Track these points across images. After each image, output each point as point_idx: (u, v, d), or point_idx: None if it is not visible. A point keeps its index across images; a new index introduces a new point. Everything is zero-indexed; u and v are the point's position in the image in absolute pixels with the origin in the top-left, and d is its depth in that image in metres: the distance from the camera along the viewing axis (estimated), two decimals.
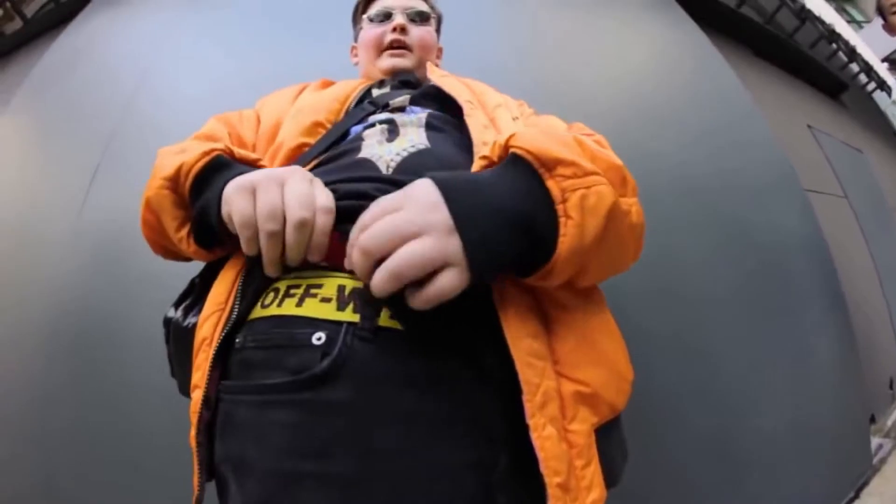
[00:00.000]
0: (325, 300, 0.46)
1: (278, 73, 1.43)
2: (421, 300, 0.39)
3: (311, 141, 0.65)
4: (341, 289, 0.46)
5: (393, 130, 0.62)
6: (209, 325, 0.49)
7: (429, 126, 0.63)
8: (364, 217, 0.42)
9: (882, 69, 4.97)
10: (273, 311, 0.47)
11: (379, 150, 0.58)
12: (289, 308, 0.46)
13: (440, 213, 0.40)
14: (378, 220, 0.40)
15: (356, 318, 0.45)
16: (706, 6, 2.58)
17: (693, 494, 1.23)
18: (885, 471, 1.80)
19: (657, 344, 1.25)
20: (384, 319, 0.44)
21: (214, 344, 0.48)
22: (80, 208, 1.31)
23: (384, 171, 0.55)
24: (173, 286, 1.10)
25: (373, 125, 0.64)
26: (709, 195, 1.46)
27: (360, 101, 0.74)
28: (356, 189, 0.52)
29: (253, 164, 0.56)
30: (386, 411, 0.42)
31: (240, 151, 0.56)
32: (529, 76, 1.48)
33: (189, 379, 0.49)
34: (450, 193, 0.41)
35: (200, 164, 0.52)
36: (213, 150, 0.53)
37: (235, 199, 0.46)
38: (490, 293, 0.45)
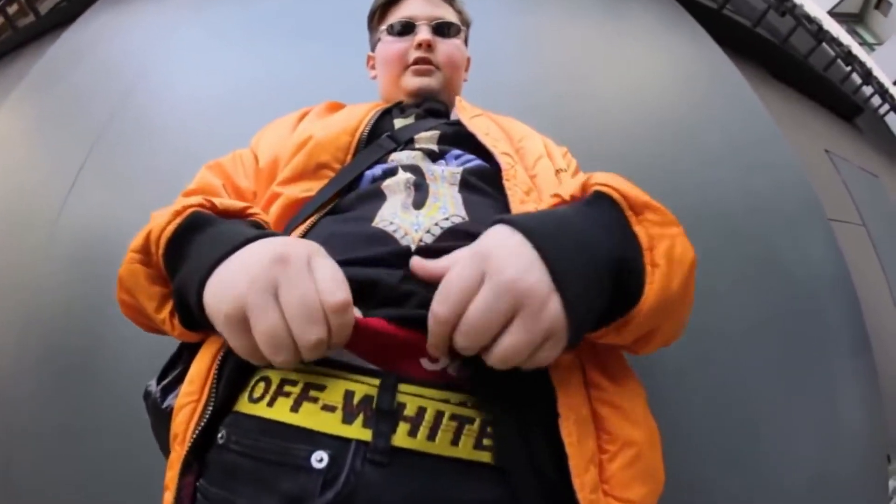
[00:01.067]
0: (329, 408, 0.36)
1: (279, 78, 1.41)
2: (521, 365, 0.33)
3: (315, 188, 0.56)
4: (349, 395, 0.36)
5: (420, 188, 0.51)
6: (182, 417, 0.41)
7: (464, 185, 0.53)
8: (443, 306, 0.33)
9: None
10: (262, 410, 0.38)
11: (403, 218, 0.47)
12: (282, 412, 0.37)
13: (535, 275, 0.32)
14: (463, 309, 0.32)
15: (367, 434, 0.36)
16: (723, 26, 2.54)
17: None
18: None
19: (678, 380, 1.19)
20: (401, 437, 0.36)
21: (186, 444, 0.39)
22: (60, 210, 1.27)
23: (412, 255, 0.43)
24: None
25: (394, 171, 0.54)
26: (733, 218, 1.40)
27: (375, 129, 0.63)
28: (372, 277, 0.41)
29: (239, 215, 0.48)
30: None
31: (222, 202, 0.48)
32: (548, 92, 1.45)
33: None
34: (541, 243, 0.33)
35: (171, 227, 0.43)
36: (186, 208, 0.44)
37: (225, 329, 0.35)
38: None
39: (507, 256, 0.33)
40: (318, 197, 0.54)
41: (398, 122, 0.65)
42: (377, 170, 0.57)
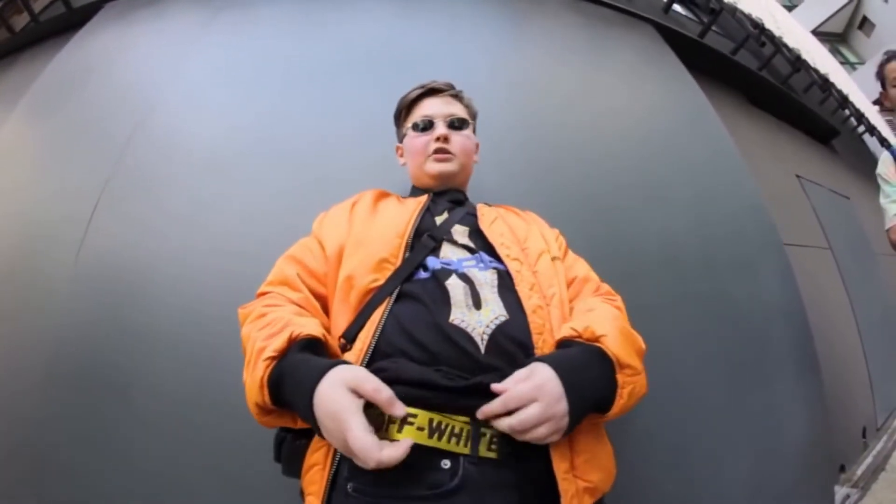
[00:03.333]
0: (454, 436, 0.64)
1: (292, 104, 1.45)
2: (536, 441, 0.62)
3: (381, 278, 0.76)
4: (455, 429, 0.65)
5: (475, 294, 0.74)
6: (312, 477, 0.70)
7: (500, 289, 0.76)
8: (509, 401, 0.61)
9: (873, 113, 5.10)
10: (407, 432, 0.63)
11: (469, 318, 0.71)
12: (421, 439, 0.63)
13: (562, 405, 0.62)
14: (525, 407, 0.61)
15: (467, 450, 0.64)
16: (702, 55, 2.66)
17: None
18: None
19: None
20: (482, 451, 0.64)
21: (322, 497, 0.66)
22: (80, 246, 1.31)
23: (482, 350, 0.68)
24: (177, 319, 1.14)
25: (449, 273, 0.76)
26: (688, 257, 1.51)
27: (420, 227, 0.84)
28: (454, 372, 0.67)
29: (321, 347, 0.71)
30: None
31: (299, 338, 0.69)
32: (528, 135, 1.52)
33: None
34: (567, 388, 0.62)
35: (264, 379, 0.66)
36: (266, 371, 0.66)
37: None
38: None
39: (549, 389, 0.62)
40: (386, 287, 0.75)
41: (438, 220, 0.88)
42: (433, 263, 0.78)
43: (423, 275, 0.77)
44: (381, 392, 0.59)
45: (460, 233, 0.86)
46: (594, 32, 2.00)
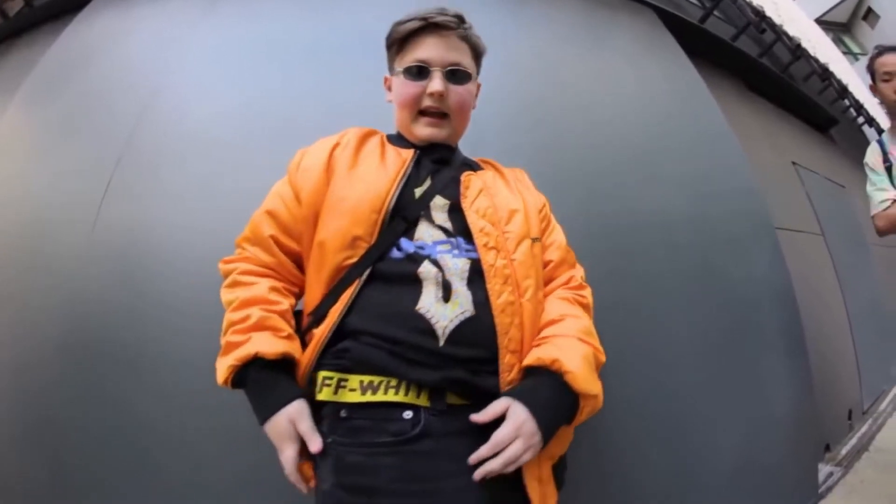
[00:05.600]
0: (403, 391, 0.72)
1: (295, 84, 1.47)
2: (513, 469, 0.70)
3: (354, 256, 0.77)
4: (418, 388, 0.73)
5: (446, 285, 0.75)
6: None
7: (469, 281, 0.77)
8: (495, 446, 0.68)
9: (873, 103, 5.12)
10: (369, 398, 0.71)
11: (435, 309, 0.73)
12: (381, 396, 0.71)
13: (538, 437, 0.70)
14: (507, 447, 0.69)
15: (427, 403, 0.71)
16: (703, 40, 2.67)
17: None
18: (830, 498, 1.91)
19: (621, 373, 1.34)
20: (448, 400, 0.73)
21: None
22: (95, 218, 1.33)
23: (441, 342, 0.72)
24: (188, 297, 1.18)
25: (422, 259, 0.77)
26: (682, 234, 1.55)
27: (399, 199, 0.80)
28: (417, 359, 0.72)
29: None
30: (451, 453, 0.69)
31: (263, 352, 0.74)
32: (528, 116, 1.54)
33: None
34: (539, 422, 0.70)
35: (228, 375, 0.75)
36: (230, 374, 0.75)
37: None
38: None
39: (527, 428, 0.70)
40: (358, 267, 0.77)
41: (417, 192, 0.82)
42: (407, 245, 0.78)
43: (396, 254, 0.77)
44: (308, 435, 0.72)
45: (440, 208, 0.82)
46: (594, 16, 2.00)
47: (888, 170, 1.60)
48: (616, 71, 1.84)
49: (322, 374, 0.74)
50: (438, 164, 0.87)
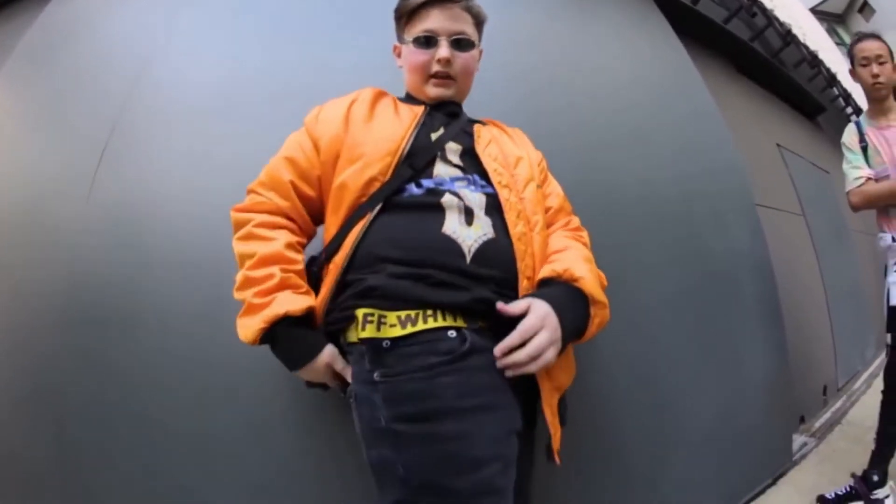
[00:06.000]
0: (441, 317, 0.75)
1: (288, 49, 1.45)
2: (536, 368, 0.73)
3: (367, 195, 0.81)
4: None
5: (469, 214, 0.81)
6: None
7: (487, 210, 0.83)
8: (524, 332, 0.72)
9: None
10: (410, 329, 0.72)
11: (461, 231, 0.78)
12: (421, 326, 0.73)
13: (559, 332, 0.74)
14: (533, 337, 0.72)
15: (465, 324, 0.74)
16: (695, 21, 2.69)
17: (627, 468, 1.40)
18: (803, 465, 2.00)
19: (605, 339, 1.39)
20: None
21: None
22: (90, 188, 1.33)
23: (468, 260, 0.77)
24: (183, 263, 1.19)
25: (443, 192, 0.81)
26: (666, 205, 1.59)
27: (415, 141, 0.86)
28: (447, 281, 0.75)
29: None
30: (497, 369, 0.73)
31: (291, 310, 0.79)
32: (518, 88, 1.55)
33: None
34: (562, 321, 0.74)
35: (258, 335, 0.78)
36: (259, 335, 0.78)
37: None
38: None
39: (551, 320, 0.73)
40: (370, 201, 0.81)
41: (433, 136, 0.88)
42: (427, 181, 0.83)
43: (416, 190, 0.81)
44: (346, 371, 0.79)
45: (453, 151, 0.88)
46: None
47: (864, 149, 1.66)
48: (605, 46, 1.86)
49: (363, 311, 0.73)
50: (449, 117, 0.94)
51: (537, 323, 0.72)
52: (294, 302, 0.78)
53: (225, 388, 1.14)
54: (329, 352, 0.79)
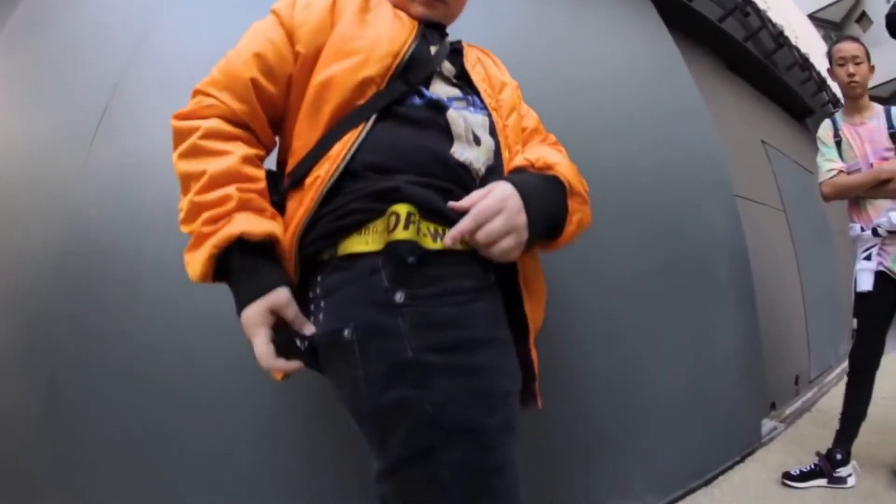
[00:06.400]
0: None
1: None
2: (500, 256, 0.63)
3: (362, 99, 0.67)
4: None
5: (475, 136, 0.72)
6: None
7: (490, 132, 0.76)
8: (478, 215, 0.61)
9: None
10: (440, 245, 0.62)
11: (470, 154, 0.69)
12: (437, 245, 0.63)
13: (522, 217, 0.63)
14: (489, 220, 0.61)
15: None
16: (689, 18, 2.75)
17: (600, 439, 1.46)
18: (771, 446, 2.09)
19: (582, 311, 1.46)
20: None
21: None
22: (88, 150, 1.34)
23: (477, 184, 0.69)
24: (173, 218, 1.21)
25: (445, 106, 0.70)
26: (644, 190, 1.65)
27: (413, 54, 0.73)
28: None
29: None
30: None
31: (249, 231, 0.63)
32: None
33: None
34: (527, 201, 0.64)
35: (206, 270, 0.64)
36: (210, 266, 0.63)
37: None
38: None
39: (512, 202, 0.62)
40: (367, 106, 0.67)
41: (433, 49, 0.76)
42: (428, 93, 0.71)
43: (417, 101, 0.70)
44: (299, 321, 0.63)
45: (448, 70, 0.78)
46: None
47: (837, 144, 1.76)
48: (595, 35, 1.91)
49: (406, 207, 0.60)
50: (441, 37, 0.83)
51: (494, 205, 0.61)
52: (254, 223, 0.62)
53: (225, 341, 1.13)
54: (280, 295, 0.62)
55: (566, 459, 1.38)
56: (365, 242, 0.61)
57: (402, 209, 0.60)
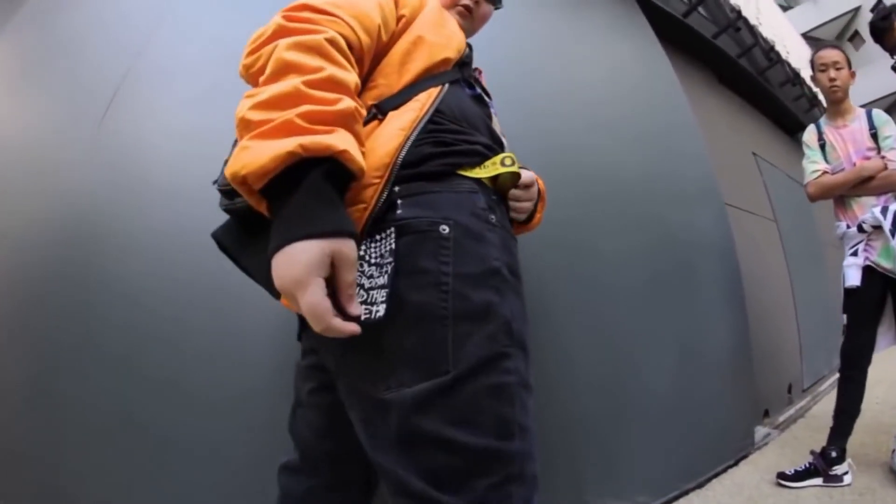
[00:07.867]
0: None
1: None
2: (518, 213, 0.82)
3: (439, 70, 0.76)
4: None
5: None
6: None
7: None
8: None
9: None
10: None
11: (506, 143, 0.86)
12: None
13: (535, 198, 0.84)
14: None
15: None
16: (682, 31, 2.84)
17: (592, 442, 1.48)
18: (765, 450, 2.11)
19: (574, 318, 1.50)
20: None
21: None
22: (96, 134, 1.37)
23: None
24: (185, 212, 1.25)
25: (487, 103, 0.86)
26: (635, 195, 1.70)
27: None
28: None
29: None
30: None
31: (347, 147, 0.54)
32: (502, 79, 1.64)
33: None
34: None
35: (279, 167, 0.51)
36: (284, 163, 0.50)
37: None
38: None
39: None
40: (448, 73, 0.77)
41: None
42: (476, 88, 0.86)
43: (468, 91, 0.82)
44: (353, 293, 0.53)
45: (472, 79, 0.90)
46: None
47: (822, 147, 1.83)
48: (589, 43, 1.99)
49: (510, 155, 0.70)
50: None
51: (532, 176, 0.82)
52: (357, 152, 0.54)
53: (225, 308, 1.19)
54: (355, 247, 0.52)
55: (558, 461, 1.39)
56: (483, 170, 0.69)
57: (507, 156, 0.70)
